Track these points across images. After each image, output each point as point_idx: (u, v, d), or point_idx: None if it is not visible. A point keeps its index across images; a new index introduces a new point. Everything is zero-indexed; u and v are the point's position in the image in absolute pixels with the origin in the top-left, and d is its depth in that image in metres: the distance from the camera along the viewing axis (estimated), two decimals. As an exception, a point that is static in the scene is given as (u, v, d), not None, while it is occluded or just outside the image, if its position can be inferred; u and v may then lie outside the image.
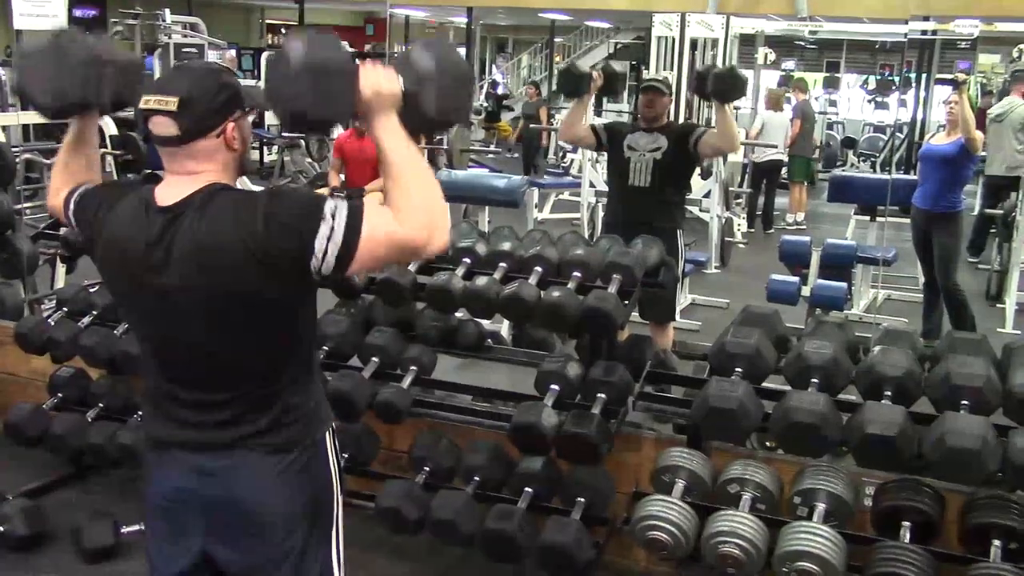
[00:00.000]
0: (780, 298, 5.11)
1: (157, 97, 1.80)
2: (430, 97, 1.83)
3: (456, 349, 3.88)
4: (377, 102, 1.79)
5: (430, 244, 1.79)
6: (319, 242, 1.73)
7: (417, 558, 3.49)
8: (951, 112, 6.00)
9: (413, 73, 1.83)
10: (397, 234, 1.76)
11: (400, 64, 1.85)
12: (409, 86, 1.82)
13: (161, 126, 1.81)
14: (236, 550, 1.92)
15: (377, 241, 1.76)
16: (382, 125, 1.81)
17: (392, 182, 1.80)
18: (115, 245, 1.89)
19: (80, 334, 3.92)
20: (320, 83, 1.71)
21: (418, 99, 1.83)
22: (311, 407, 1.96)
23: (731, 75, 4.58)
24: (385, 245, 1.77)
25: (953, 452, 2.75)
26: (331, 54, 1.74)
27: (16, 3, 4.51)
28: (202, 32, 10.32)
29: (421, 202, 1.78)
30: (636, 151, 4.66)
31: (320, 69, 1.72)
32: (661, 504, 2.93)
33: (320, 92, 1.72)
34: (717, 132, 4.60)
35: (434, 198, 1.81)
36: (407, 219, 1.76)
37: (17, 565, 3.38)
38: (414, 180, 1.80)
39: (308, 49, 1.72)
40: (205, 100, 1.80)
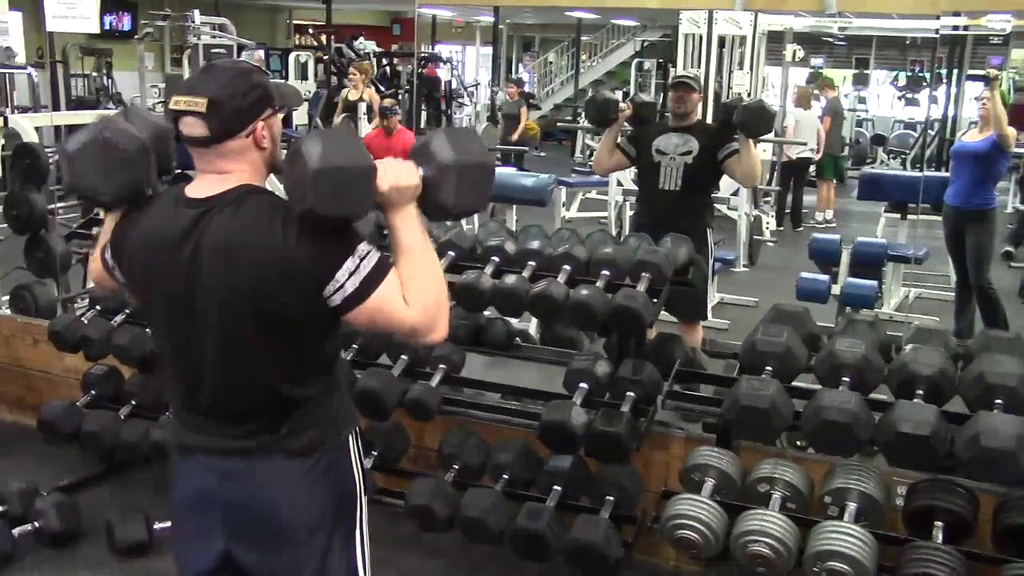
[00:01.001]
0: (810, 296, 5.08)
1: (187, 98, 1.81)
2: (449, 189, 1.85)
3: (485, 347, 3.89)
4: (396, 195, 1.81)
5: (428, 334, 1.85)
6: (342, 273, 1.77)
7: (446, 556, 3.50)
8: (983, 108, 5.94)
9: (433, 163, 1.84)
10: (403, 312, 1.81)
11: (420, 153, 1.87)
12: (428, 175, 1.84)
13: (191, 127, 1.82)
14: (258, 552, 1.93)
15: (384, 304, 1.80)
16: (399, 216, 1.84)
17: (404, 270, 1.83)
18: (146, 242, 1.90)
19: (113, 332, 3.96)
20: (336, 186, 1.73)
21: (437, 189, 1.85)
22: (333, 409, 1.97)
23: (759, 108, 4.48)
24: (387, 315, 1.81)
25: (987, 452, 2.72)
26: (347, 158, 1.75)
27: (48, 5, 4.55)
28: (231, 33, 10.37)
29: (429, 294, 1.83)
30: (666, 155, 4.57)
31: (336, 173, 1.73)
32: (691, 503, 2.93)
33: (336, 194, 1.74)
34: (739, 166, 4.47)
35: (441, 292, 1.87)
36: (414, 305, 1.81)
37: (51, 560, 3.42)
38: (425, 272, 1.84)
39: (324, 153, 1.73)
40: (235, 101, 1.81)
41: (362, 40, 16.20)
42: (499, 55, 19.44)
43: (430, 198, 1.85)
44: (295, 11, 21.59)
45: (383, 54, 16.96)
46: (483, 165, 1.91)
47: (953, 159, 6.35)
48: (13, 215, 4.81)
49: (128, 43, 13.89)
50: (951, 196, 6.09)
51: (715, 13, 9.82)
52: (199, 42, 9.57)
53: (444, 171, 1.84)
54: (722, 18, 9.96)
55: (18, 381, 4.56)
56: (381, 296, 1.79)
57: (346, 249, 1.78)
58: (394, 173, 1.80)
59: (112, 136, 2.03)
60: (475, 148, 1.90)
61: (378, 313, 1.80)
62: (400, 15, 21.15)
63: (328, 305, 1.79)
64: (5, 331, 4.59)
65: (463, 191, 1.87)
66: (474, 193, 1.90)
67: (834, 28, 11.48)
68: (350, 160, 1.76)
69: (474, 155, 1.88)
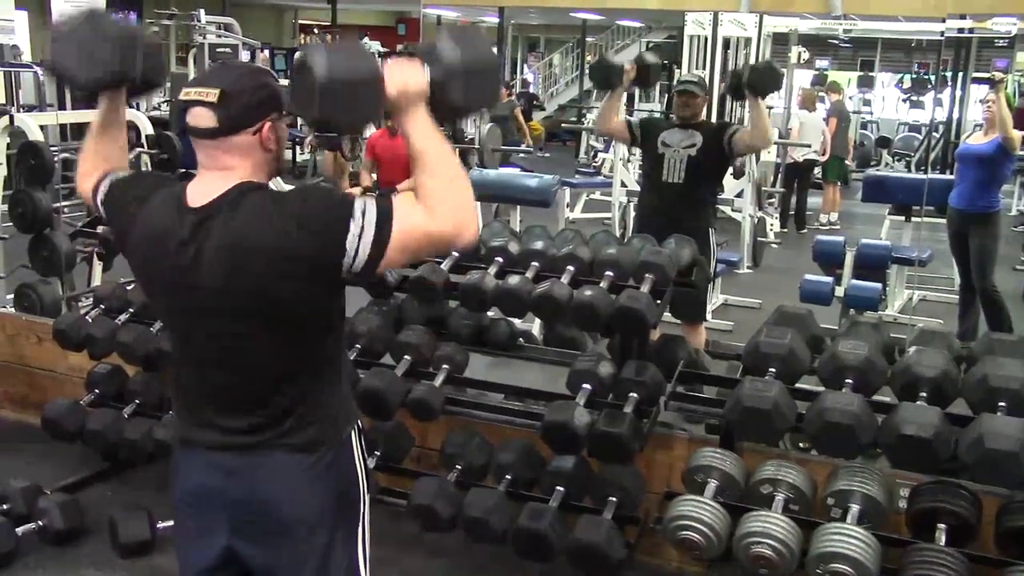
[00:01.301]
0: (814, 298, 5.08)
1: (198, 89, 1.82)
2: (457, 87, 1.84)
3: (488, 347, 3.89)
4: (404, 99, 1.80)
5: (460, 236, 1.81)
6: (350, 240, 1.75)
7: (449, 556, 3.50)
8: (988, 111, 5.93)
9: (439, 64, 1.83)
10: (427, 227, 1.78)
11: (426, 54, 1.85)
12: (436, 76, 1.83)
13: (200, 117, 1.82)
14: (260, 548, 1.93)
15: (407, 236, 1.78)
16: (410, 120, 1.82)
17: (422, 175, 1.80)
18: (147, 243, 1.90)
19: (117, 331, 3.97)
20: (344, 93, 1.73)
21: (445, 89, 1.83)
22: (337, 406, 1.96)
23: (767, 68, 4.64)
24: (415, 239, 1.79)
25: (990, 454, 2.72)
26: (354, 63, 1.75)
27: (55, 3, 4.56)
28: (236, 32, 10.39)
29: (451, 194, 1.79)
30: (670, 147, 4.65)
31: (344, 80, 1.73)
32: (693, 504, 2.93)
33: (345, 102, 1.74)
34: (751, 127, 4.60)
35: (464, 191, 1.82)
36: (437, 211, 1.77)
37: (54, 559, 3.43)
38: (444, 173, 1.81)
39: (330, 61, 1.73)
40: (245, 95, 1.82)
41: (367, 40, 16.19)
42: (504, 56, 19.43)
43: (439, 99, 1.84)
44: (301, 11, 21.62)
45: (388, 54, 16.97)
46: (489, 63, 1.91)
47: (958, 162, 6.35)
48: (18, 213, 4.82)
49: (134, 42, 13.89)
50: (955, 199, 6.08)
51: (720, 14, 9.83)
52: (204, 41, 9.60)
53: (451, 71, 1.83)
54: (727, 19, 9.97)
55: (22, 379, 4.57)
56: (400, 230, 1.76)
57: (344, 218, 1.76)
58: (401, 77, 1.79)
59: (100, 23, 2.05)
60: (481, 47, 1.90)
61: (407, 244, 1.78)
62: (405, 15, 21.18)
63: (353, 271, 1.78)
64: (10, 329, 4.60)
65: (471, 90, 1.86)
66: (482, 91, 1.89)
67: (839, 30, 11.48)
68: (358, 68, 1.75)
69: (480, 54, 1.88)
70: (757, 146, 5.22)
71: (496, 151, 9.26)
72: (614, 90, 4.77)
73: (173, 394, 2.06)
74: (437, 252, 2.38)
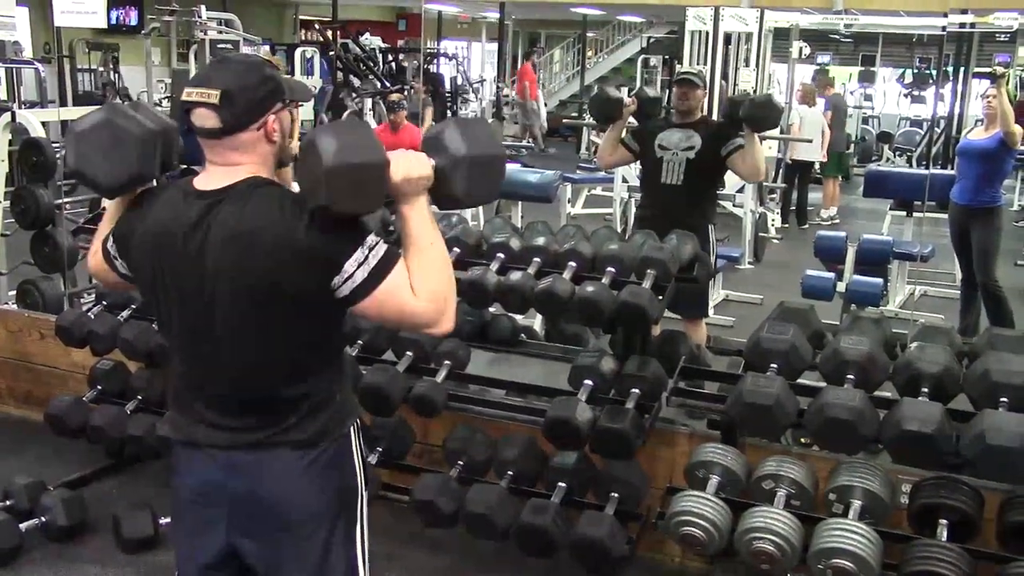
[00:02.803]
0: (815, 294, 5.08)
1: (199, 90, 1.82)
2: (460, 180, 1.85)
3: (490, 343, 3.90)
4: (407, 187, 1.82)
5: (436, 324, 1.86)
6: (350, 264, 1.77)
7: (451, 551, 3.50)
8: (989, 106, 5.92)
9: (445, 154, 1.85)
10: (409, 303, 1.82)
11: (432, 144, 1.87)
12: (440, 165, 1.84)
13: (203, 118, 1.82)
14: (260, 544, 1.93)
15: (392, 294, 1.80)
16: (409, 207, 1.85)
17: (412, 261, 1.84)
18: (153, 230, 1.91)
19: (120, 327, 3.97)
20: (351, 179, 1.74)
21: (448, 179, 1.85)
22: (337, 402, 1.97)
23: (766, 102, 4.50)
24: (394, 305, 1.82)
25: (992, 450, 2.72)
26: (361, 153, 1.76)
27: (56, 1, 4.56)
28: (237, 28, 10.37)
29: (437, 285, 1.84)
30: (668, 149, 4.57)
31: (351, 169, 1.73)
32: (695, 500, 2.93)
33: (351, 190, 1.74)
34: (744, 161, 4.46)
35: (449, 284, 1.87)
36: (420, 295, 1.82)
37: (58, 555, 3.44)
38: (434, 264, 1.85)
39: (338, 145, 1.73)
40: (247, 94, 1.82)
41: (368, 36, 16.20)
42: (505, 51, 19.41)
43: (442, 189, 1.86)
44: (301, 7, 21.57)
45: (388, 50, 16.96)
46: (495, 156, 1.92)
47: (959, 157, 6.35)
48: (20, 210, 4.83)
49: (135, 38, 13.88)
50: (957, 194, 6.08)
51: (721, 9, 9.82)
52: (206, 37, 9.56)
53: (456, 162, 1.84)
54: (728, 15, 9.96)
55: (25, 376, 4.58)
56: (389, 287, 1.79)
57: (355, 240, 1.78)
58: (406, 164, 1.81)
59: (120, 122, 2.02)
60: (487, 139, 1.90)
61: (386, 304, 1.81)
62: (406, 11, 21.13)
63: (336, 296, 1.80)
64: (12, 326, 4.61)
65: (475, 182, 1.87)
66: (486, 184, 1.91)
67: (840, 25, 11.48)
68: (365, 155, 1.76)
69: (486, 146, 1.89)
70: (747, 180, 5.15)
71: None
72: (614, 123, 4.71)
73: (171, 392, 2.06)
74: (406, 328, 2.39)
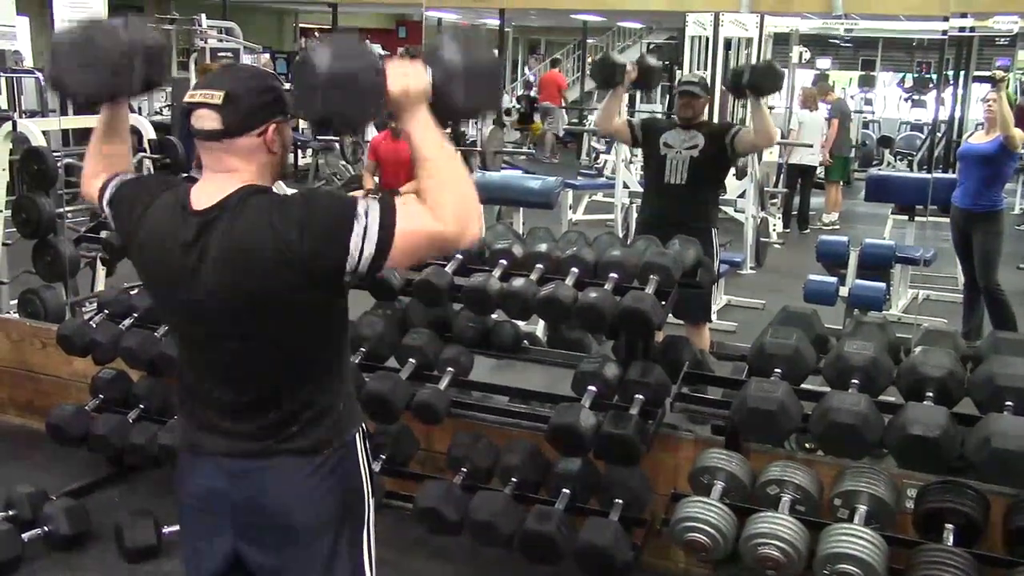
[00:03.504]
0: (818, 298, 5.07)
1: (203, 91, 1.82)
2: (459, 89, 1.84)
3: (493, 350, 3.89)
4: (406, 98, 1.80)
5: (463, 236, 1.80)
6: (354, 242, 1.74)
7: (455, 559, 3.49)
8: (989, 110, 5.92)
9: (441, 65, 1.83)
10: (430, 228, 1.77)
11: (428, 56, 1.85)
12: (437, 78, 1.83)
13: (204, 119, 1.82)
14: (266, 552, 1.93)
15: (411, 236, 1.77)
16: (413, 119, 1.82)
17: (424, 174, 1.80)
18: (151, 246, 1.91)
19: (121, 336, 3.96)
20: (346, 89, 1.73)
21: (447, 91, 1.83)
22: (341, 409, 1.96)
23: (768, 68, 4.64)
24: (418, 240, 1.79)
25: (997, 454, 2.71)
26: (356, 59, 1.75)
27: (57, 7, 4.56)
28: (237, 36, 10.40)
29: (454, 194, 1.79)
30: (672, 148, 4.64)
31: (346, 76, 1.73)
32: (700, 505, 2.92)
33: (347, 98, 1.73)
34: (753, 127, 4.59)
35: (467, 190, 1.82)
36: (440, 211, 1.77)
37: (61, 564, 3.43)
38: (447, 172, 1.80)
39: (333, 56, 1.73)
40: (250, 98, 1.82)
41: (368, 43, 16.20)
42: (504, 58, 19.42)
43: (441, 100, 1.84)
44: (301, 14, 21.62)
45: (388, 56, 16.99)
46: (490, 65, 1.92)
47: (960, 161, 6.35)
48: (22, 219, 4.83)
49: (135, 47, 13.89)
50: (959, 198, 6.08)
51: (721, 15, 9.82)
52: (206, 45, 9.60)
53: (453, 73, 1.83)
54: (728, 20, 9.96)
55: (27, 385, 4.57)
56: (401, 233, 1.76)
57: (347, 220, 1.75)
58: (403, 76, 1.79)
59: (98, 36, 2.02)
60: (482, 50, 1.90)
61: (410, 245, 1.78)
62: (406, 18, 21.17)
63: (358, 274, 1.78)
64: (14, 335, 4.60)
65: (472, 92, 1.86)
66: (483, 93, 1.90)
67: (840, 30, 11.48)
68: (359, 64, 1.75)
69: (481, 56, 1.88)
70: (761, 146, 5.21)
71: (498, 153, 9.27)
72: (615, 89, 4.76)
73: (179, 398, 2.05)
74: (440, 252, 2.38)
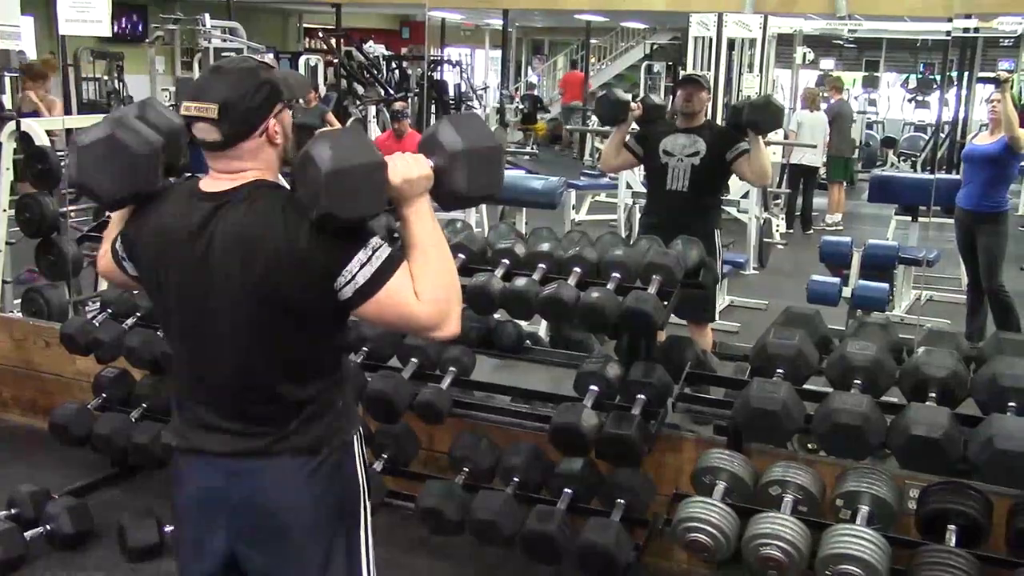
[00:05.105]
0: (821, 299, 5.07)
1: (197, 104, 1.81)
2: (460, 175, 1.85)
3: (495, 350, 3.89)
4: (408, 189, 1.82)
5: (440, 329, 1.84)
6: (353, 265, 1.77)
7: (457, 558, 3.49)
8: (994, 111, 5.91)
9: (443, 152, 1.84)
10: (411, 306, 1.81)
11: (428, 143, 1.87)
12: (438, 164, 1.84)
13: (204, 132, 1.83)
14: (261, 553, 1.93)
15: (395, 297, 1.79)
16: (411, 210, 1.84)
17: (416, 264, 1.83)
18: (158, 232, 1.91)
19: (124, 335, 3.97)
20: (348, 184, 1.74)
21: (448, 176, 1.85)
22: (339, 409, 1.96)
23: (766, 104, 4.50)
24: (396, 309, 1.81)
25: (1000, 454, 2.70)
26: (356, 155, 1.76)
27: (61, 9, 4.56)
28: (241, 36, 10.39)
29: (440, 289, 1.83)
30: (673, 156, 4.56)
31: (348, 172, 1.74)
32: (702, 506, 2.92)
33: (349, 193, 1.74)
34: (750, 165, 4.45)
35: (454, 287, 1.86)
36: (424, 299, 1.81)
37: (63, 563, 3.43)
38: (438, 266, 1.84)
39: (334, 152, 1.73)
40: (244, 103, 1.81)
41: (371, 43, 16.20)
42: (508, 58, 19.43)
43: (443, 187, 1.85)
44: (305, 15, 21.63)
45: (392, 57, 16.98)
46: (492, 148, 1.91)
47: (965, 162, 6.34)
48: (25, 218, 4.83)
49: (139, 47, 13.93)
50: (963, 199, 6.07)
51: (725, 16, 9.81)
52: (210, 46, 9.59)
53: (454, 158, 1.84)
54: (732, 21, 9.96)
55: (30, 384, 4.58)
56: (392, 289, 1.78)
57: (358, 242, 1.78)
58: (404, 166, 1.81)
59: (124, 137, 2.01)
60: (482, 132, 1.90)
61: (388, 307, 1.80)
62: (409, 18, 21.17)
63: (339, 298, 1.79)
64: (17, 334, 4.61)
65: (475, 175, 1.86)
66: (486, 176, 1.90)
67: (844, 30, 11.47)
68: (361, 159, 1.76)
69: (482, 139, 1.88)
70: (754, 185, 5.14)
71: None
72: (620, 126, 4.70)
73: (175, 400, 2.05)
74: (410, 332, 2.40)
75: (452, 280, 1.86)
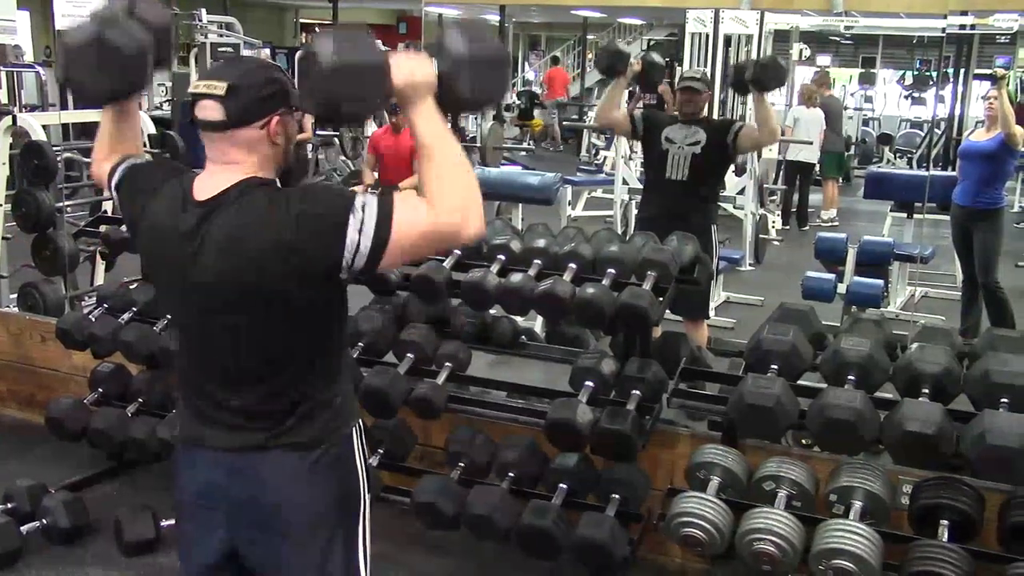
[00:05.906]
0: (816, 295, 5.08)
1: (207, 82, 1.83)
2: (465, 80, 1.83)
3: (491, 345, 3.90)
4: (412, 90, 1.80)
5: (464, 229, 1.78)
6: (350, 236, 1.74)
7: (452, 553, 3.50)
8: (990, 107, 5.93)
9: (448, 56, 1.82)
10: (430, 222, 1.76)
11: (434, 48, 1.85)
12: (444, 69, 1.82)
13: (208, 110, 1.82)
14: (261, 546, 1.93)
15: (408, 234, 1.76)
16: (417, 111, 1.81)
17: (427, 166, 1.80)
18: (153, 235, 1.92)
19: (120, 330, 3.97)
20: (350, 80, 1.73)
21: (453, 82, 1.82)
22: (338, 403, 1.96)
23: (771, 63, 4.63)
24: (417, 236, 1.78)
25: (993, 450, 2.72)
26: (360, 51, 1.75)
27: (58, 4, 4.56)
28: (238, 31, 10.37)
29: (457, 187, 1.78)
30: (674, 143, 4.64)
31: (349, 67, 1.73)
32: (696, 501, 2.93)
33: (351, 89, 1.73)
34: (756, 123, 4.58)
35: (470, 183, 1.81)
36: (440, 203, 1.76)
37: (59, 557, 3.44)
38: (449, 164, 1.80)
39: (337, 47, 1.72)
40: (253, 89, 1.82)
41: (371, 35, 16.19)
42: (506, 53, 19.38)
43: (446, 91, 1.83)
44: (302, 10, 21.62)
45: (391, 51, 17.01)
46: (497, 57, 1.90)
47: (961, 159, 6.34)
48: (21, 213, 4.83)
49: (135, 42, 13.87)
50: (959, 195, 6.08)
51: (721, 12, 9.81)
52: (206, 40, 9.57)
53: (459, 64, 1.82)
54: (728, 17, 9.95)
55: (26, 379, 4.58)
56: (399, 230, 1.75)
57: (343, 215, 1.75)
58: (408, 68, 1.79)
59: (112, 37, 2.01)
60: (488, 41, 1.89)
61: (407, 240, 1.77)
62: (406, 13, 21.17)
63: (356, 269, 1.78)
64: (13, 329, 4.61)
65: (479, 82, 1.85)
66: (491, 83, 1.89)
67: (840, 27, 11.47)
68: (364, 54, 1.75)
69: (488, 46, 1.87)
70: (764, 142, 5.18)
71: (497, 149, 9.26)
72: (618, 79, 4.74)
73: (179, 391, 2.06)
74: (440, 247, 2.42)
75: (466, 180, 1.80)
